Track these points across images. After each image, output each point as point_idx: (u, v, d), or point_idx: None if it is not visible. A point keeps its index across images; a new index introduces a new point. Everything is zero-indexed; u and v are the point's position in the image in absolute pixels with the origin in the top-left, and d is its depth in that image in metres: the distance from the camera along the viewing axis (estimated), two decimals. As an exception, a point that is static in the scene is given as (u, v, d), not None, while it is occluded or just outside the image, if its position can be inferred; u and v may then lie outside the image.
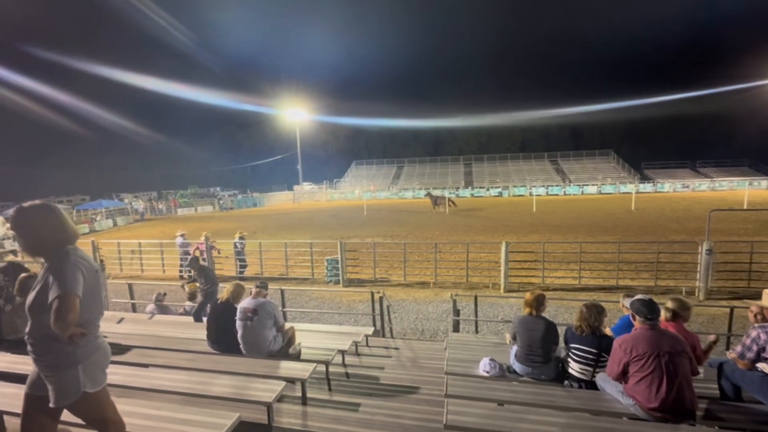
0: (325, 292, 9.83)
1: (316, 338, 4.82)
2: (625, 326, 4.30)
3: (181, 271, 12.20)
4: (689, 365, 2.60)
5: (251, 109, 67.79)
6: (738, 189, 35.67)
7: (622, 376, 2.78)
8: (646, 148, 58.63)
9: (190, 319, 6.05)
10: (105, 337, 2.24)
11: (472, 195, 43.96)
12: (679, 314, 3.38)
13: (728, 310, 5.77)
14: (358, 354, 5.01)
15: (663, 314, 3.86)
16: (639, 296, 2.83)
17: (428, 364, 4.67)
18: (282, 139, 66.94)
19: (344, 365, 4.43)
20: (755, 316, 3.41)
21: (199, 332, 4.59)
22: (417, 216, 25.22)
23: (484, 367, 3.55)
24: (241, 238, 11.89)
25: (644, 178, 45.63)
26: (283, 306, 6.80)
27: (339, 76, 74.99)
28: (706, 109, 55.20)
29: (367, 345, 5.53)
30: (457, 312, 6.30)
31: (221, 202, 41.52)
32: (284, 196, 48.37)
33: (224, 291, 4.38)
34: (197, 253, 12.09)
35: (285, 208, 37.73)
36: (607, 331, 3.77)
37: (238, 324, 3.96)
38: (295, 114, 52.89)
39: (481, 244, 13.62)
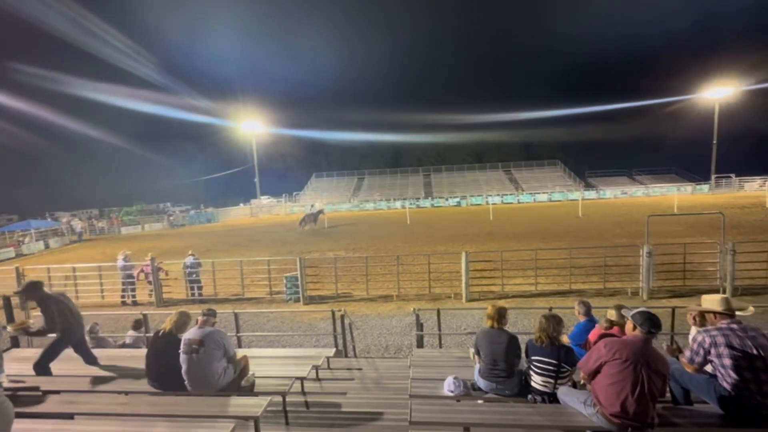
0: (284, 312, 9.38)
1: (273, 365, 4.50)
2: (582, 332, 4.42)
3: (123, 296, 11.17)
4: (661, 386, 2.66)
5: (204, 120, 65.10)
6: (668, 194, 39.30)
7: (593, 375, 2.80)
8: (589, 157, 63.13)
9: (130, 352, 5.46)
10: (8, 392, 1.87)
11: (432, 205, 44.83)
12: (618, 322, 3.56)
13: (671, 309, 6.15)
14: (318, 379, 4.74)
15: (604, 324, 4.02)
16: (642, 309, 2.86)
17: (392, 384, 4.50)
18: (238, 151, 64.63)
19: (303, 393, 4.15)
20: (694, 318, 3.61)
21: (137, 368, 4.11)
22: (379, 228, 25.18)
23: (448, 386, 3.46)
24: (192, 257, 11.13)
25: (588, 186, 49.03)
26: (238, 331, 6.35)
27: (296, 87, 74.34)
28: (639, 122, 61.24)
29: (329, 368, 5.27)
30: (420, 326, 6.21)
31: (171, 218, 39.09)
32: (241, 210, 46.55)
33: (167, 321, 3.97)
34: (142, 276, 11.22)
35: (242, 224, 36.23)
36: (565, 339, 3.84)
37: (182, 358, 3.57)
38: (251, 126, 51.45)
39: (442, 254, 13.77)
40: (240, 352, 4.33)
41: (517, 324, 7.62)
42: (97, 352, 5.47)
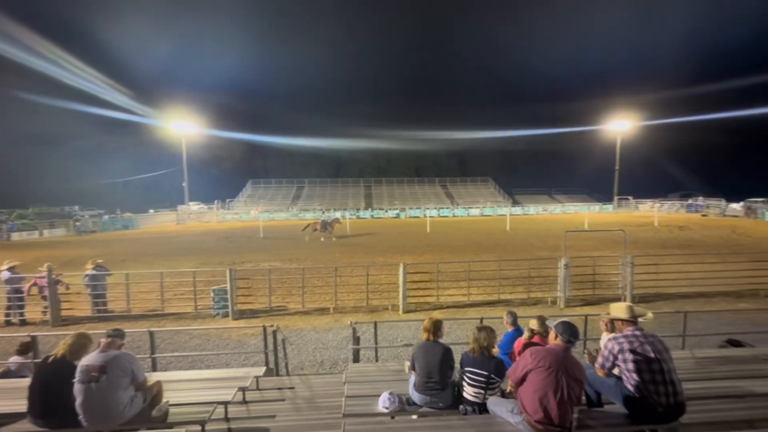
0: (210, 329, 8.63)
1: (193, 390, 4.07)
2: (510, 342, 4.66)
3: (8, 315, 9.46)
4: (579, 392, 2.85)
5: (124, 117, 58.81)
6: (580, 212, 44.09)
7: (520, 383, 2.93)
8: (516, 176, 68.78)
9: (12, 382, 4.57)
10: None
11: (372, 216, 45.16)
12: (539, 332, 3.84)
13: (584, 316, 6.79)
14: (245, 402, 4.38)
15: (526, 333, 4.31)
16: (563, 320, 3.07)
17: (326, 403, 4.32)
18: (165, 153, 59.29)
19: (227, 420, 3.79)
20: (606, 325, 4.00)
21: (19, 402, 3.42)
22: (318, 238, 24.64)
23: (383, 403, 3.39)
24: (98, 267, 9.82)
25: (515, 202, 53.25)
26: (153, 352, 5.67)
27: (234, 87, 70.64)
28: (558, 147, 68.51)
29: (258, 388, 4.91)
30: (357, 340, 6.10)
31: (78, 224, 34.41)
32: (166, 217, 42.59)
33: (60, 344, 3.39)
34: (34, 290, 9.62)
35: (166, 231, 33.11)
36: (495, 349, 4.01)
37: (77, 388, 3.05)
38: (180, 126, 47.70)
39: (381, 266, 13.84)
40: (153, 377, 3.85)
41: (450, 334, 7.84)
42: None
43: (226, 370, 5.27)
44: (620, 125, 51.47)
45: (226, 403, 3.77)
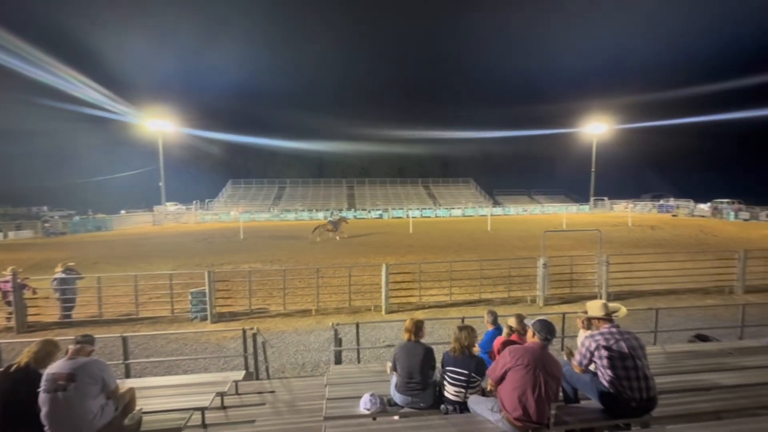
0: (188, 333, 8.40)
1: (169, 396, 3.93)
2: (490, 340, 4.71)
3: (-32, 322, 8.95)
4: (555, 388, 2.91)
5: (97, 114, 56.57)
6: (559, 212, 45.23)
7: (499, 381, 2.97)
8: (497, 177, 69.91)
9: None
10: None
11: (355, 217, 44.99)
12: (517, 329, 3.91)
13: (561, 314, 6.96)
14: (224, 407, 4.28)
15: (505, 331, 4.37)
16: (540, 318, 3.12)
17: (307, 406, 4.26)
18: (141, 151, 57.37)
19: (204, 426, 3.69)
20: (582, 322, 4.10)
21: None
22: (300, 239, 24.39)
23: (364, 404, 3.38)
24: (68, 270, 9.41)
25: (496, 203, 54.11)
26: (126, 357, 5.47)
27: (213, 86, 69.21)
28: (537, 148, 70.23)
29: (237, 393, 4.80)
30: (339, 341, 6.06)
31: (47, 225, 32.90)
32: (141, 218, 41.20)
33: (24, 352, 3.22)
34: (-2, 296, 9.14)
35: (142, 233, 32.07)
36: (476, 348, 4.05)
37: (43, 398, 2.90)
38: (158, 124, 46.29)
39: (363, 266, 13.80)
40: (126, 384, 3.71)
41: (433, 334, 7.89)
42: None
43: (204, 374, 5.13)
44: (596, 128, 53.12)
45: (203, 409, 3.67)
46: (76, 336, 3.31)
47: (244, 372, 5.07)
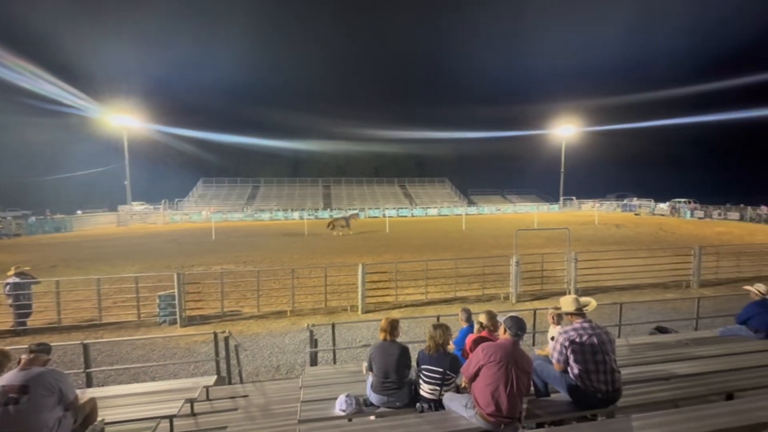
0: (156, 338, 8.06)
1: (134, 405, 3.76)
2: (464, 338, 4.78)
3: None
4: (527, 383, 2.98)
5: (55, 108, 53.30)
6: (530, 212, 46.60)
7: (473, 378, 3.01)
8: (472, 177, 71.37)
9: None
10: None
11: (331, 217, 44.63)
12: (487, 326, 3.99)
13: (533, 310, 7.17)
14: (194, 414, 4.13)
15: (476, 327, 4.46)
16: (511, 314, 3.18)
17: (281, 409, 4.19)
18: (104, 148, 54.45)
19: (172, 435, 3.55)
20: (552, 318, 4.23)
21: None
22: (275, 239, 23.95)
23: (340, 405, 3.35)
24: (21, 274, 8.81)
25: (471, 203, 55.14)
26: (87, 366, 5.18)
27: (181, 81, 66.74)
28: (510, 150, 72.26)
29: (208, 399, 4.65)
30: (314, 343, 5.98)
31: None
32: (105, 218, 39.20)
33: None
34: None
35: (105, 234, 30.49)
36: (451, 346, 4.10)
37: (-8, 412, 2.71)
38: (122, 119, 44.10)
39: (339, 266, 13.71)
40: (87, 394, 3.52)
41: (409, 333, 7.94)
42: None
43: (173, 381, 4.93)
44: (565, 130, 55.08)
45: (171, 417, 3.52)
46: (30, 345, 3.10)
47: (215, 377, 4.92)
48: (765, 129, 59.57)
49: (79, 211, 42.18)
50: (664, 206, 40.83)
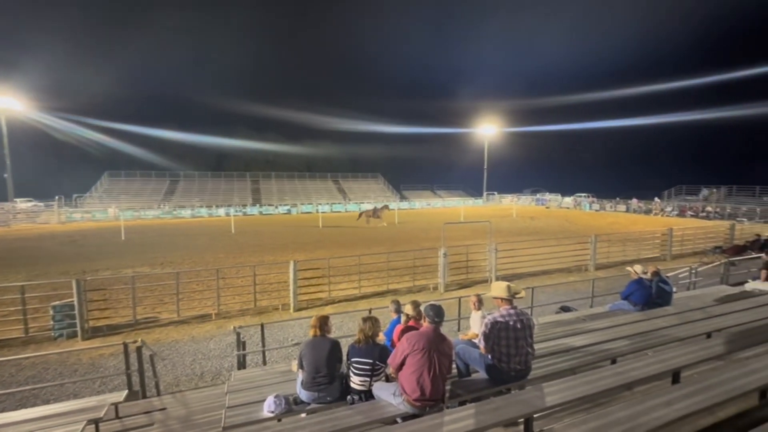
0: (50, 355, 7.01)
1: (20, 434, 3.24)
2: (394, 329, 4.95)
3: None
4: (448, 365, 3.17)
5: None
6: (458, 206, 49.42)
7: (399, 368, 3.13)
8: (403, 173, 73.29)
9: None
10: None
11: (260, 213, 42.64)
12: (413, 316, 4.20)
13: (458, 298, 7.67)
14: (99, 436, 3.69)
15: (403, 318, 4.64)
16: (430, 303, 3.31)
17: (205, 418, 3.94)
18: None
19: (72, 462, 3.14)
20: (474, 304, 4.56)
21: None
22: (198, 238, 22.18)
23: (268, 407, 3.25)
24: None
25: (403, 197, 56.70)
26: (-45, 395, 4.33)
27: (85, 61, 57.96)
28: (439, 147, 75.95)
29: (117, 417, 4.19)
30: (242, 345, 5.71)
31: None
32: (-25, 218, 32.74)
33: None
34: None
35: (-23, 237, 25.49)
36: (381, 337, 4.22)
37: None
38: (2, 103, 37.04)
39: (269, 265, 13.20)
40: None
41: (342, 327, 7.97)
42: None
43: (72, 402, 4.34)
44: (488, 130, 59.36)
45: (70, 442, 3.11)
46: None
47: (126, 392, 4.45)
48: (650, 134, 71.15)
49: (2, 204, 34.69)
50: (569, 200, 46.18)
